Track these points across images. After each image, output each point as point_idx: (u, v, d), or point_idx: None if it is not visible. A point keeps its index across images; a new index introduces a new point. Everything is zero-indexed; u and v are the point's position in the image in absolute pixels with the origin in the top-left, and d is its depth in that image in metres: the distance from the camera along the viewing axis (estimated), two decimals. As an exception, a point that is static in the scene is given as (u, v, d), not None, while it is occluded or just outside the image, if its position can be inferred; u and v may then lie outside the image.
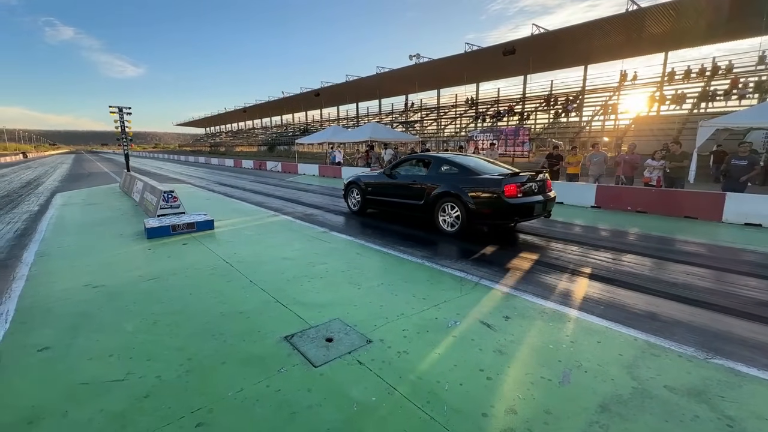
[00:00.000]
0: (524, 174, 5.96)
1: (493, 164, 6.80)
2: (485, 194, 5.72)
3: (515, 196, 5.59)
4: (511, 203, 5.54)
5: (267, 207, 9.13)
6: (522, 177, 5.85)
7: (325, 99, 46.44)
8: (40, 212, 8.64)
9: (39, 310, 3.35)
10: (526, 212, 5.76)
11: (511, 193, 5.56)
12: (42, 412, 2.06)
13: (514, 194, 5.58)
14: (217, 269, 4.38)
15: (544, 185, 6.18)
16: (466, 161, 6.55)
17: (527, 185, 5.81)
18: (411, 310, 3.29)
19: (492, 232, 6.43)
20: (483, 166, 6.38)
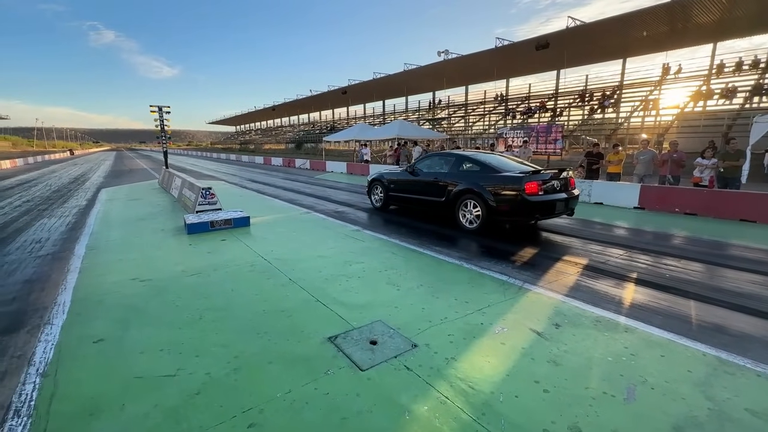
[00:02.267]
0: (546, 172, 5.98)
1: (517, 162, 6.78)
2: (506, 191, 5.76)
3: (536, 194, 5.61)
4: (532, 201, 5.56)
5: (299, 204, 9.22)
6: (544, 175, 5.85)
7: (351, 97, 46.66)
8: (88, 207, 9.09)
9: (92, 302, 3.48)
10: (547, 210, 5.80)
11: (532, 190, 5.57)
12: (101, 404, 2.11)
13: (535, 192, 5.60)
14: (256, 266, 4.42)
15: (567, 183, 6.18)
16: (487, 159, 6.55)
17: (549, 183, 5.83)
18: (454, 314, 3.18)
19: (531, 235, 6.22)
20: (505, 164, 6.39)
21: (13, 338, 2.88)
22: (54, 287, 3.89)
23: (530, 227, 6.68)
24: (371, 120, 47.67)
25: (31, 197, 11.10)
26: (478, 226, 6.06)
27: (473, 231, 6.13)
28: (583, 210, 8.29)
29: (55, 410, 2.07)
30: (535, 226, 6.79)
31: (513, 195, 5.65)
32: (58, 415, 2.03)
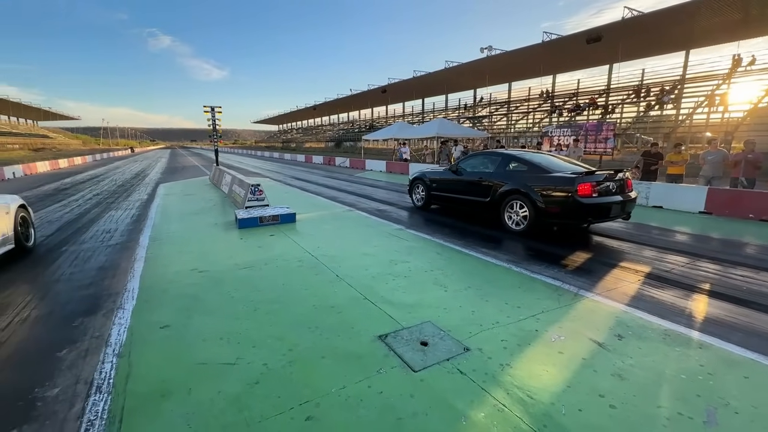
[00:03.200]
0: (601, 172, 5.70)
1: (569, 162, 6.50)
2: (556, 193, 5.55)
3: (589, 196, 5.35)
4: (585, 203, 5.31)
5: (341, 202, 9.37)
6: (598, 175, 5.57)
7: (391, 95, 46.75)
8: (149, 201, 9.79)
9: (157, 290, 3.73)
10: (601, 213, 5.51)
11: (585, 192, 5.33)
12: (171, 387, 2.25)
13: (588, 193, 5.34)
14: (304, 262, 4.53)
15: (623, 185, 5.82)
16: (536, 158, 6.34)
17: (604, 184, 5.53)
18: (506, 318, 3.08)
19: (582, 238, 5.91)
20: (555, 164, 6.18)
21: (92, 320, 3.15)
22: (123, 275, 4.21)
23: (581, 230, 6.34)
24: (410, 118, 47.49)
25: (100, 191, 12.13)
26: (525, 228, 5.87)
27: (519, 233, 5.93)
28: (640, 213, 7.75)
29: (130, 389, 2.23)
30: (586, 229, 6.43)
31: (564, 196, 5.43)
32: (134, 395, 2.19)
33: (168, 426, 1.94)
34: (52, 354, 2.65)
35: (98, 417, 2.01)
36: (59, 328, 3.03)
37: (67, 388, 2.27)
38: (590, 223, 5.73)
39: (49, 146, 62.44)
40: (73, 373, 2.42)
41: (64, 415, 2.05)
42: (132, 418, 2.00)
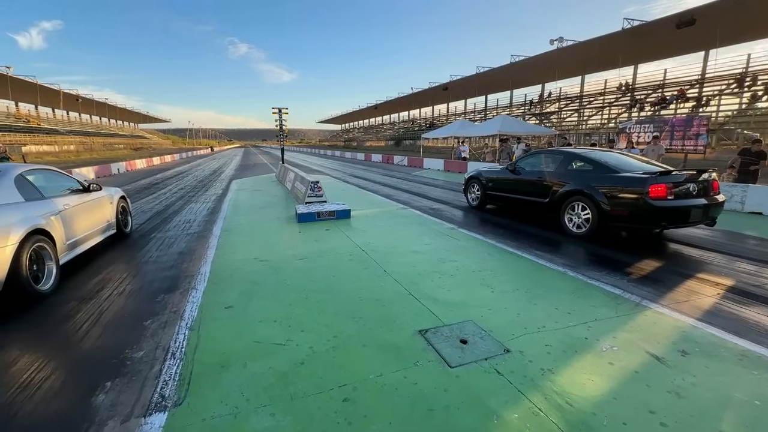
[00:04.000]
0: (680, 172, 5.22)
1: (643, 161, 6.01)
2: (624, 194, 5.16)
3: (663, 198, 4.86)
4: (657, 206, 4.83)
5: (395, 200, 9.52)
6: (676, 176, 5.10)
7: (453, 93, 45.99)
8: (222, 195, 10.83)
9: (225, 275, 4.17)
10: (677, 217, 4.97)
11: (659, 194, 4.86)
12: (230, 360, 2.54)
13: (662, 196, 4.86)
14: (355, 256, 4.74)
15: (708, 187, 5.25)
16: (602, 157, 5.89)
17: (683, 186, 5.06)
18: (554, 323, 2.96)
19: (654, 245, 5.39)
20: (624, 163, 5.72)
21: (171, 297, 3.64)
22: (198, 260, 4.77)
23: (654, 236, 5.77)
24: (472, 116, 46.31)
25: (183, 186, 13.66)
26: (587, 231, 5.51)
27: (581, 236, 5.58)
28: (733, 220, 6.82)
29: (198, 358, 2.57)
30: (660, 235, 5.83)
31: (633, 198, 5.02)
32: (200, 363, 2.52)
33: (225, 393, 2.21)
34: (140, 323, 3.12)
35: (171, 378, 2.35)
36: (146, 302, 3.55)
37: (149, 352, 2.68)
38: (664, 229, 5.19)
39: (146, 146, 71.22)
40: (154, 340, 2.84)
41: (146, 374, 2.42)
42: (197, 383, 2.31)
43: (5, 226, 3.26)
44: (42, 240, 3.66)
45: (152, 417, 2.02)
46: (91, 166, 18.29)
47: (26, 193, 3.85)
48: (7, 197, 3.57)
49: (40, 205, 3.90)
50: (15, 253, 3.26)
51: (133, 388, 2.27)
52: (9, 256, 3.21)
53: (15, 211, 3.49)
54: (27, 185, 3.96)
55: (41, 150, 37.97)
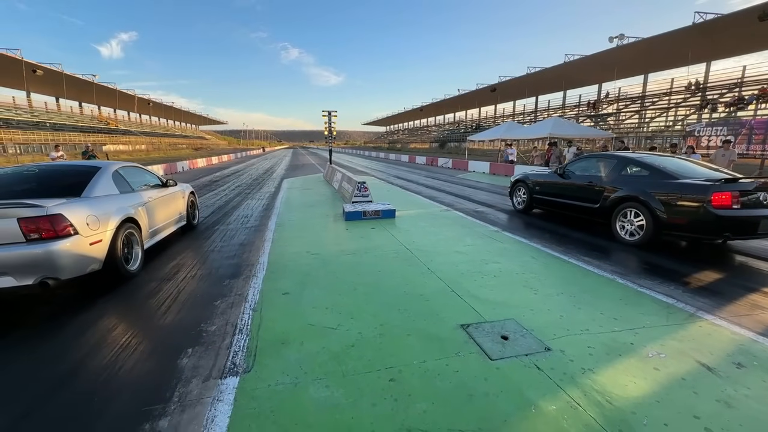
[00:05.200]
0: (749, 180, 4.90)
1: (708, 168, 5.79)
2: (683, 202, 4.93)
3: (728, 207, 4.61)
4: (720, 215, 4.58)
5: (439, 201, 9.62)
6: (744, 184, 4.80)
7: (501, 94, 44.90)
8: (275, 193, 11.54)
9: (280, 265, 4.56)
10: (743, 228, 4.67)
11: (723, 203, 4.61)
12: (288, 338, 2.85)
13: (726, 204, 4.61)
14: (399, 254, 4.95)
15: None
16: (661, 162, 5.69)
17: (753, 195, 4.77)
18: (598, 327, 2.98)
19: (717, 256, 5.07)
20: (685, 169, 5.50)
21: (235, 282, 4.07)
22: (257, 251, 5.23)
23: (717, 247, 5.41)
24: (521, 118, 44.90)
25: (240, 183, 14.69)
26: (641, 239, 5.32)
27: (633, 244, 5.39)
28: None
29: (261, 335, 2.91)
30: (724, 246, 5.46)
31: (693, 207, 4.79)
32: (263, 339, 2.85)
33: (286, 365, 2.51)
34: (211, 303, 3.55)
35: (240, 350, 2.70)
36: (215, 285, 4.01)
37: (220, 327, 3.07)
38: (728, 239, 4.87)
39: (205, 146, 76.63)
40: (224, 317, 3.24)
41: (219, 344, 2.80)
42: (262, 355, 2.63)
43: (106, 215, 3.86)
44: (132, 227, 4.27)
45: (227, 380, 2.36)
46: (160, 164, 20.17)
47: (120, 186, 4.51)
48: (107, 190, 4.22)
49: (131, 197, 4.54)
50: (113, 238, 3.87)
51: (209, 355, 2.65)
52: (108, 240, 3.81)
53: (113, 202, 4.12)
54: (121, 180, 4.63)
55: (117, 149, 42.29)
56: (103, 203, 3.95)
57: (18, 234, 3.12)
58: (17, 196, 3.70)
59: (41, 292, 3.44)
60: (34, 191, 3.88)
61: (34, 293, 3.60)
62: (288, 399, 2.18)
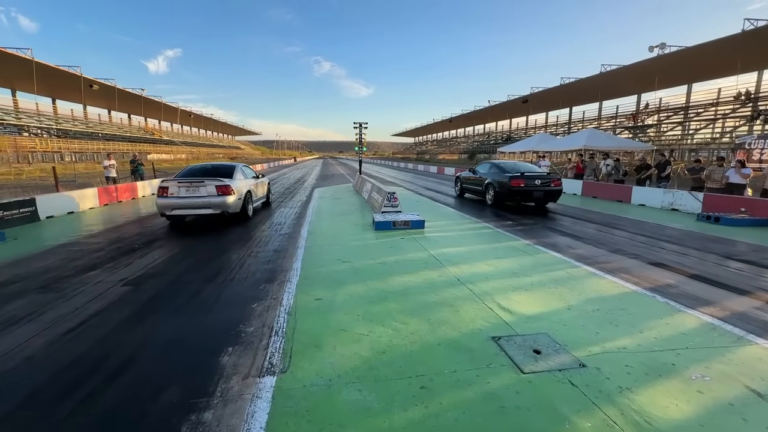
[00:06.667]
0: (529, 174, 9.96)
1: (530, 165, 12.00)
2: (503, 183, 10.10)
3: (519, 186, 9.74)
4: (514, 189, 9.75)
5: (470, 214, 9.55)
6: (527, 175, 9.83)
7: (533, 105, 44.16)
8: (307, 202, 11.87)
9: (313, 271, 4.71)
10: (526, 195, 9.87)
11: (516, 184, 9.75)
12: (322, 342, 2.96)
13: (517, 184, 9.74)
14: (429, 264, 4.99)
15: (549, 181, 10.00)
16: (504, 164, 10.89)
17: (530, 181, 9.80)
18: (636, 346, 2.88)
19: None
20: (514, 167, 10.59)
21: (271, 287, 4.24)
22: (290, 257, 5.41)
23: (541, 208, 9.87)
24: (554, 129, 43.85)
25: (273, 192, 15.17)
26: (492, 201, 10.48)
27: (491, 204, 10.55)
28: None
29: (296, 338, 3.03)
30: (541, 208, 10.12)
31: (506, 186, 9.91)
32: (298, 342, 2.97)
33: (320, 368, 2.60)
34: (248, 305, 3.73)
35: (277, 351, 2.83)
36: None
37: (257, 329, 3.22)
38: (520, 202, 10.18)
39: (240, 155, 79.70)
40: (261, 320, 3.39)
41: (257, 345, 2.94)
42: (297, 357, 2.74)
43: (241, 187, 8.09)
44: (249, 195, 8.46)
45: (265, 378, 2.49)
46: (199, 173, 21.23)
47: (244, 175, 8.80)
48: (239, 176, 8.41)
49: (248, 181, 8.82)
50: (244, 198, 8.08)
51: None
52: (243, 199, 8.02)
53: (243, 182, 8.40)
54: (242, 172, 8.81)
55: (160, 157, 44.85)
56: (240, 182, 8.22)
57: (215, 192, 7.39)
58: (209, 175, 7.98)
59: (222, 217, 7.95)
60: (213, 174, 8.06)
61: (220, 217, 7.94)
62: (322, 400, 2.26)
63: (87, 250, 5.89)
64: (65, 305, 3.74)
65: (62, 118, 41.43)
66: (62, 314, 3.53)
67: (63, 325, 3.32)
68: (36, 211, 8.39)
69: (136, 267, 4.99)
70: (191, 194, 7.32)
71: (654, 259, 5.41)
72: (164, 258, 5.41)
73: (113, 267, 5.00)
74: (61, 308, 3.67)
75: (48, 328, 3.26)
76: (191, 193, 7.33)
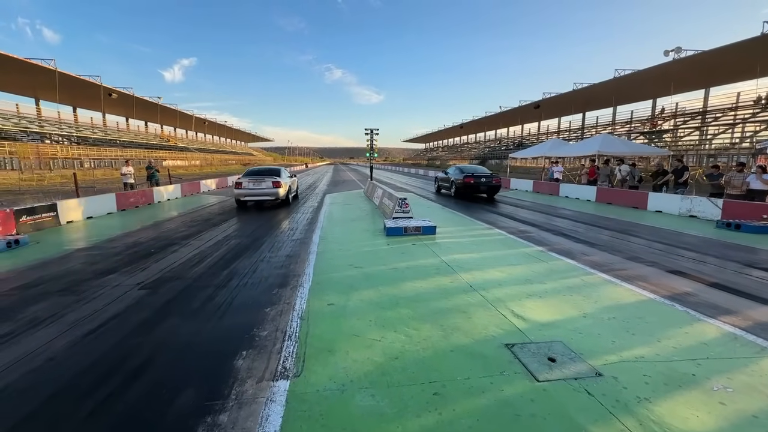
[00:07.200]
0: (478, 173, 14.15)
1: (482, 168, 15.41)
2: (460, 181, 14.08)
3: (470, 182, 13.77)
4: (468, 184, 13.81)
5: (481, 220, 9.50)
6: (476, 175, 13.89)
7: (545, 111, 43.84)
8: (318, 208, 11.96)
9: (325, 276, 4.75)
10: (476, 189, 13.94)
11: (468, 180, 13.77)
12: (334, 347, 2.98)
13: (469, 182, 13.76)
14: (441, 270, 4.98)
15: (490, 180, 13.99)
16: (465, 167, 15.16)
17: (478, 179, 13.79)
18: (654, 356, 2.82)
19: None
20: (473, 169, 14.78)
21: (284, 291, 4.29)
22: (303, 262, 5.47)
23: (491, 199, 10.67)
24: (566, 135, 43.42)
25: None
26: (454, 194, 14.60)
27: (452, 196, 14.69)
28: None
29: (309, 342, 3.05)
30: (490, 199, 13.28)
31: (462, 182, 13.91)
32: (311, 346, 2.99)
33: (333, 372, 2.62)
34: (261, 310, 3.77)
35: (290, 355, 2.86)
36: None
37: (271, 333, 3.26)
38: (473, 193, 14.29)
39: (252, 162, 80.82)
40: (274, 324, 3.43)
41: (271, 349, 2.97)
42: (311, 361, 2.77)
43: (286, 182, 11.92)
44: (289, 188, 12.19)
45: (279, 382, 2.51)
46: (213, 179, 21.61)
47: (286, 174, 12.55)
48: (284, 175, 12.20)
49: (288, 179, 12.41)
50: (287, 190, 11.96)
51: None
52: (286, 190, 11.83)
53: (286, 179, 12.04)
54: (285, 172, 12.64)
55: (175, 164, 45.77)
56: (285, 179, 11.84)
57: (271, 186, 11.33)
58: (263, 175, 11.65)
59: (276, 203, 11.83)
60: (268, 174, 11.67)
61: (275, 203, 11.81)
62: (336, 405, 2.27)
63: (105, 254, 6.05)
64: (85, 308, 3.84)
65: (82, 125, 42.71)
66: (82, 317, 3.62)
67: (83, 327, 3.41)
68: (57, 215, 8.65)
69: (153, 271, 5.11)
70: (256, 187, 11.37)
71: (672, 267, 5.30)
72: (180, 262, 5.52)
73: (130, 271, 5.12)
74: (82, 310, 3.77)
75: (69, 329, 3.35)
76: (256, 186, 11.37)
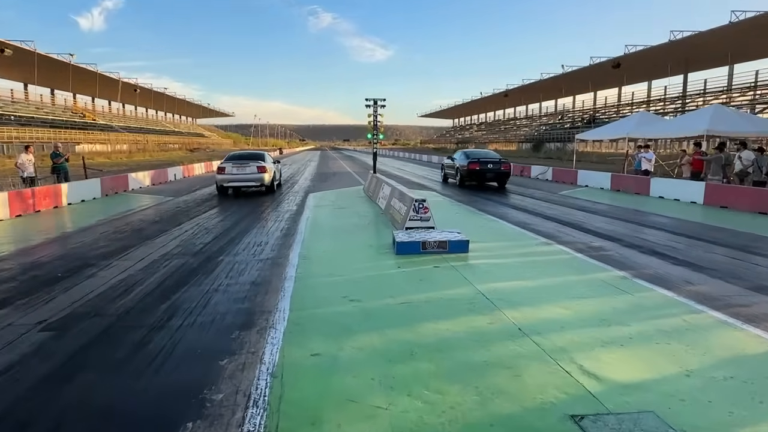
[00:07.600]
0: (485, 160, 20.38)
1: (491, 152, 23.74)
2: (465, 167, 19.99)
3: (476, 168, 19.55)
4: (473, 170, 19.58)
5: (534, 230, 9.51)
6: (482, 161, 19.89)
7: (628, 72, 43.87)
8: (297, 212, 12.10)
9: (307, 314, 4.79)
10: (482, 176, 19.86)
11: (474, 167, 19.58)
12: (321, 417, 2.97)
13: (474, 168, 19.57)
14: (476, 304, 4.98)
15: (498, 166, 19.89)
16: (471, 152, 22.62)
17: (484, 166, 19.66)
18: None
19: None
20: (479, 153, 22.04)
21: (247, 335, 4.33)
22: (274, 293, 5.52)
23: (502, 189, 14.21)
24: (659, 107, 43.36)
25: (250, 197, 15.54)
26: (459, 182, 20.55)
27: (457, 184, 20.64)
28: None
29: (284, 410, 3.06)
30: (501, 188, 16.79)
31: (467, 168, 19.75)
32: (287, 416, 2.99)
33: (318, 455, 2.62)
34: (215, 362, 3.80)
35: (256, 429, 2.86)
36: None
37: (228, 396, 3.27)
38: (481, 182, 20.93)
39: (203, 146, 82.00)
40: (233, 383, 3.45)
41: (228, 420, 2.98)
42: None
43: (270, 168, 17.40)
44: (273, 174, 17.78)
45: (239, 468, 2.52)
46: (146, 171, 21.94)
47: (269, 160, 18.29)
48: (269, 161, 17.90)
49: (272, 165, 18.16)
50: (272, 176, 17.53)
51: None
52: (271, 176, 17.26)
53: (270, 165, 17.68)
54: (269, 158, 18.59)
55: (94, 149, 46.59)
56: (269, 164, 17.51)
57: (256, 171, 16.37)
58: (247, 159, 17.31)
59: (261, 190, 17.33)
60: (252, 159, 17.32)
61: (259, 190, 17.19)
62: (322, 503, 2.27)
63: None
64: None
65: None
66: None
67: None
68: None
69: (60, 304, 5.18)
70: (240, 172, 15.92)
71: (818, 302, 5.25)
72: (98, 292, 5.60)
73: (28, 304, 5.20)
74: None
75: (-60, 389, 3.40)
76: (240, 171, 15.95)
